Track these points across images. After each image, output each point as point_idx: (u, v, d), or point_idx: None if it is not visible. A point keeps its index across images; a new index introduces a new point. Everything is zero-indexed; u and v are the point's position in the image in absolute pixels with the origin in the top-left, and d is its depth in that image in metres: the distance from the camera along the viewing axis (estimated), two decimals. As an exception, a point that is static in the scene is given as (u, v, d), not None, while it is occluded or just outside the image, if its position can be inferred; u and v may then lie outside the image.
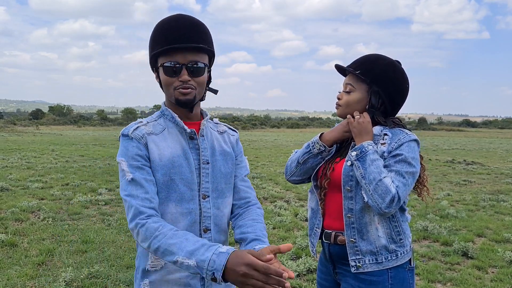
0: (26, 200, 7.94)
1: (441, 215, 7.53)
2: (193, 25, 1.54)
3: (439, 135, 54.39)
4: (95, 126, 60.35)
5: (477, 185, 11.39)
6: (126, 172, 1.51)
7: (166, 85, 1.56)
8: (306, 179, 2.13)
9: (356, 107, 1.95)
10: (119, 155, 1.56)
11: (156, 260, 1.56)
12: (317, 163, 2.04)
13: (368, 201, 1.80)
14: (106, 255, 5.09)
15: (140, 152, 1.53)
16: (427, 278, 4.59)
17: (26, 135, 32.81)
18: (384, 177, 1.77)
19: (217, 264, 1.27)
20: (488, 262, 5.13)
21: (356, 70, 1.93)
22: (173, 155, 1.56)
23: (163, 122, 1.63)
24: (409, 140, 1.86)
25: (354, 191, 1.88)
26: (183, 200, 1.55)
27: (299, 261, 4.85)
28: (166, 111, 1.64)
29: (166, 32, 1.52)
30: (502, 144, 34.56)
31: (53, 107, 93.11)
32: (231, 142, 1.76)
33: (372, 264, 1.87)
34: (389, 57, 1.98)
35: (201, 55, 1.55)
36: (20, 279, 4.34)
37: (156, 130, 1.59)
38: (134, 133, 1.56)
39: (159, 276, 1.57)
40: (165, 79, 1.55)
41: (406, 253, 1.91)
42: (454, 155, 21.34)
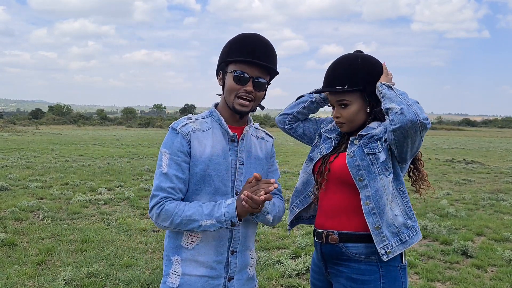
0: (25, 199, 7.94)
1: (441, 214, 7.53)
2: (268, 47, 1.78)
3: (439, 135, 54.39)
4: (95, 126, 60.29)
5: (476, 184, 11.40)
6: (163, 164, 1.73)
7: (231, 90, 1.75)
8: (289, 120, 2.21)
9: (359, 117, 1.94)
10: (164, 145, 1.77)
11: (190, 238, 1.76)
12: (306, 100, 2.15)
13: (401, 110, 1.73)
14: (105, 254, 5.09)
15: (182, 148, 1.73)
16: (426, 277, 4.59)
17: (25, 135, 32.81)
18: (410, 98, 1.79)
19: (231, 213, 1.65)
20: (487, 261, 5.13)
21: (344, 86, 1.90)
22: (212, 154, 1.75)
23: (210, 122, 1.82)
24: None
25: (366, 178, 1.86)
26: (217, 193, 1.75)
27: (298, 260, 4.85)
28: (214, 112, 1.83)
29: (247, 45, 1.74)
30: (502, 143, 34.57)
31: (53, 106, 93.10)
32: (266, 148, 1.94)
33: (399, 245, 1.85)
34: (352, 53, 1.98)
35: (266, 73, 1.78)
36: (20, 278, 4.34)
37: (202, 127, 1.79)
38: (182, 129, 1.75)
39: (190, 255, 1.76)
40: (232, 85, 1.75)
41: (419, 228, 1.92)
42: (454, 154, 21.35)
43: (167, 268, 1.81)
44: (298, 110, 2.17)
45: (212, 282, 1.77)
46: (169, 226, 1.70)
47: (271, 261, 4.90)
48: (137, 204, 7.94)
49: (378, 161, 1.86)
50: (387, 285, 1.85)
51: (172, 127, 1.78)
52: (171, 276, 1.78)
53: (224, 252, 1.79)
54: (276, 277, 4.49)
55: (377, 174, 1.85)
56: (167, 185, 1.71)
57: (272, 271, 4.61)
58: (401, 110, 1.73)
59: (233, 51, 1.75)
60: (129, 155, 17.75)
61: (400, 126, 1.73)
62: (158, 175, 1.74)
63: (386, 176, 1.85)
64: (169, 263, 1.80)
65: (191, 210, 1.68)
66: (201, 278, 1.76)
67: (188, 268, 1.76)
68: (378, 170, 1.85)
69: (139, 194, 8.91)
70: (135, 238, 5.83)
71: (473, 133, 64.75)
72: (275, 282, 4.40)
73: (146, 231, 6.14)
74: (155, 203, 1.71)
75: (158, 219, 1.70)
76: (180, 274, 1.76)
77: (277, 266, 4.75)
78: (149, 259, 4.95)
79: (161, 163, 1.74)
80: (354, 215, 1.89)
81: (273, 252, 5.35)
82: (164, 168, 1.73)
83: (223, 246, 1.78)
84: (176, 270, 1.77)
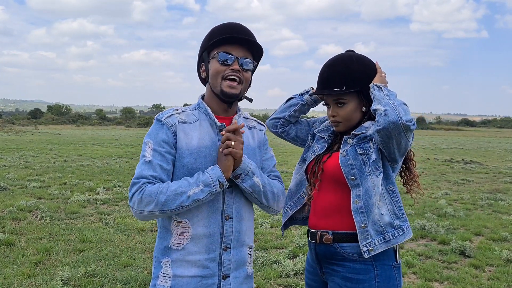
0: (24, 199, 7.93)
1: (439, 214, 7.53)
2: (248, 29, 1.77)
3: (437, 135, 54.45)
4: (94, 126, 60.27)
5: (475, 184, 11.41)
6: (147, 153, 1.67)
7: (216, 73, 1.70)
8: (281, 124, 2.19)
9: (355, 116, 1.94)
10: (148, 135, 1.71)
11: (179, 238, 1.69)
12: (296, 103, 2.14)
13: (385, 112, 1.75)
14: (103, 254, 5.09)
15: (167, 139, 1.67)
16: (424, 277, 4.59)
17: (24, 135, 32.78)
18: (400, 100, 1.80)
19: (216, 173, 1.62)
20: (485, 261, 5.13)
21: (341, 87, 1.90)
22: (200, 145, 1.70)
23: (197, 114, 1.77)
24: None
25: (358, 177, 1.86)
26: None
27: (296, 260, 4.85)
28: (201, 104, 1.78)
29: (226, 27, 1.73)
30: (500, 143, 34.61)
31: (52, 106, 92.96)
32: (258, 137, 1.89)
33: (382, 243, 1.85)
34: (345, 53, 1.99)
35: (250, 54, 1.75)
36: (17, 278, 4.33)
37: (189, 119, 1.74)
38: (166, 120, 1.71)
39: (180, 256, 1.69)
40: (217, 67, 1.70)
41: (409, 228, 1.91)
42: (452, 154, 21.37)
43: (156, 270, 1.73)
44: (290, 113, 2.16)
45: (206, 281, 1.69)
46: (154, 209, 1.59)
47: (269, 261, 4.90)
48: (135, 204, 7.93)
49: (370, 160, 1.86)
50: (382, 284, 1.85)
51: (157, 118, 1.73)
52: (160, 279, 1.70)
53: (216, 249, 1.70)
54: (274, 277, 4.49)
55: (368, 173, 1.86)
56: (149, 173, 1.63)
57: (270, 271, 4.61)
58: (385, 112, 1.74)
59: (215, 35, 1.73)
60: (128, 155, 17.75)
61: (383, 127, 1.75)
62: (140, 164, 1.67)
63: (376, 176, 1.85)
64: (158, 265, 1.73)
65: (176, 184, 1.61)
66: (193, 279, 1.68)
67: (179, 270, 1.69)
68: (369, 170, 1.86)
69: (137, 194, 8.90)
70: (133, 238, 5.83)
71: (472, 133, 64.82)
72: (273, 282, 4.40)
73: (144, 231, 6.13)
74: (135, 190, 1.61)
75: (140, 204, 1.59)
76: (171, 276, 1.69)
77: (275, 265, 4.75)
78: (147, 259, 4.94)
79: (145, 153, 1.68)
80: (348, 214, 1.88)
81: (271, 251, 5.35)
82: (147, 157, 1.66)
83: (215, 243, 1.70)
84: (166, 273, 1.70)
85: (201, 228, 1.68)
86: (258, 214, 7.29)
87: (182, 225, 1.68)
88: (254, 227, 1.94)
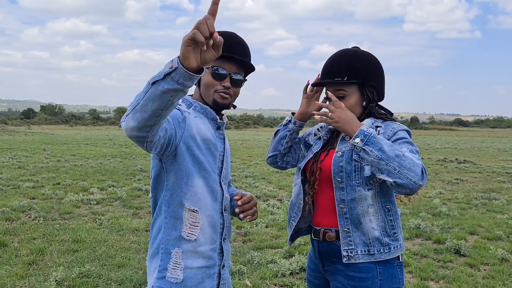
0: (17, 199, 7.86)
1: (434, 213, 7.55)
2: (245, 44, 1.80)
3: (431, 134, 54.69)
4: (87, 126, 60.00)
5: (469, 184, 11.45)
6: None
7: (209, 86, 1.74)
8: (279, 159, 2.18)
9: (356, 110, 1.92)
10: None
11: (191, 228, 1.68)
12: (285, 135, 2.13)
13: (395, 181, 1.65)
14: (97, 255, 5.05)
15: (180, 119, 1.64)
16: (419, 276, 4.59)
17: (17, 135, 32.55)
18: (404, 151, 1.68)
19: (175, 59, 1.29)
20: (480, 260, 5.14)
21: (342, 76, 1.89)
22: (205, 137, 1.73)
23: (193, 113, 1.76)
24: (402, 129, 1.86)
25: (344, 182, 1.86)
26: (210, 179, 1.72)
27: (292, 260, 4.84)
28: (194, 103, 1.79)
29: (226, 42, 1.58)
30: (493, 143, 34.81)
31: (45, 106, 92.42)
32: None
33: (364, 255, 1.85)
34: (350, 48, 1.98)
35: (242, 69, 1.79)
36: (10, 278, 4.29)
37: (191, 115, 1.74)
38: (179, 107, 1.70)
39: (191, 247, 1.68)
40: (210, 80, 1.73)
41: (399, 247, 1.89)
42: (446, 154, 21.46)
43: (164, 262, 1.68)
44: (283, 147, 2.15)
45: (209, 271, 1.74)
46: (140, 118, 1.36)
47: (264, 261, 4.88)
48: (129, 204, 7.89)
49: (362, 172, 1.84)
50: (385, 282, 1.85)
51: None
52: (170, 271, 1.67)
53: (218, 239, 1.77)
54: (269, 277, 4.47)
55: (356, 184, 1.84)
56: None
57: (266, 271, 4.59)
58: (395, 183, 1.66)
59: None
60: (122, 154, 17.65)
61: (399, 192, 1.77)
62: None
63: (365, 190, 1.84)
64: (167, 256, 1.68)
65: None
66: (200, 270, 1.71)
67: (189, 261, 1.68)
68: (358, 181, 1.84)
69: (131, 194, 8.86)
70: (127, 238, 5.79)
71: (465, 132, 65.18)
72: (269, 282, 4.39)
73: (138, 231, 6.10)
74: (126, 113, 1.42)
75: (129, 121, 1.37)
76: (183, 268, 1.67)
77: (270, 265, 4.73)
78: (141, 259, 4.91)
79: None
80: None
81: (267, 251, 5.33)
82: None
83: (217, 233, 1.76)
84: (177, 263, 1.67)
85: (207, 218, 1.71)
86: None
87: (194, 214, 1.69)
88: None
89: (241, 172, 12.44)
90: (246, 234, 6.04)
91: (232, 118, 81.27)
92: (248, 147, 23.79)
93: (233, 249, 5.36)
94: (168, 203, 1.69)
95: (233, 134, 43.88)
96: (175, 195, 1.68)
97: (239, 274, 4.55)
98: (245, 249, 5.40)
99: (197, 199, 1.69)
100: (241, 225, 6.42)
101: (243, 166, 14.33)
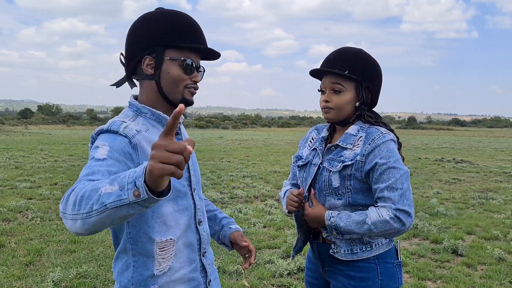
0: (14, 200, 7.84)
1: (431, 213, 7.56)
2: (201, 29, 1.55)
3: (428, 134, 54.76)
4: (85, 126, 59.83)
5: (466, 183, 11.47)
6: (101, 151, 1.30)
7: (178, 81, 1.47)
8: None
9: (348, 108, 1.89)
10: (102, 141, 1.34)
11: (164, 262, 1.46)
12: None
13: (385, 239, 1.88)
14: (95, 255, 5.04)
15: (129, 150, 1.35)
16: (417, 276, 4.60)
17: (14, 135, 32.47)
18: (368, 217, 1.74)
19: (138, 170, 1.04)
20: (477, 260, 5.16)
21: (343, 70, 1.86)
22: None
23: (143, 121, 1.48)
24: (384, 141, 1.79)
25: (317, 193, 1.93)
26: (179, 197, 1.48)
27: (289, 260, 4.84)
28: (143, 109, 1.50)
29: (189, 28, 1.48)
30: (491, 142, 34.88)
31: (42, 106, 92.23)
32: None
33: (347, 254, 1.88)
34: (355, 47, 1.96)
35: (199, 60, 1.55)
36: (7, 279, 4.28)
37: (141, 128, 1.44)
38: (125, 131, 1.37)
39: (166, 278, 1.47)
40: (180, 75, 1.46)
41: (380, 245, 1.89)
42: (443, 153, 21.49)
43: None
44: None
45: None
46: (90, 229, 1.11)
47: (262, 261, 4.88)
48: (127, 204, 7.87)
49: (330, 182, 1.86)
50: (385, 282, 1.87)
51: (110, 129, 1.37)
52: None
53: (196, 257, 1.56)
54: (267, 277, 4.47)
55: (326, 194, 1.89)
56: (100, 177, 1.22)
57: (263, 271, 4.59)
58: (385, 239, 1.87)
59: (173, 34, 1.46)
60: (119, 155, 17.61)
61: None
62: (90, 163, 1.29)
63: (335, 200, 1.87)
64: None
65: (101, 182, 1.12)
66: None
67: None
68: (327, 191, 1.88)
69: (129, 194, 8.84)
70: (125, 238, 5.77)
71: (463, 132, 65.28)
72: (266, 282, 4.39)
73: (136, 231, 6.09)
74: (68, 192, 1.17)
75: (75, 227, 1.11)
76: None
77: (268, 265, 4.73)
78: (139, 260, 4.90)
79: (97, 150, 1.31)
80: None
81: (264, 251, 5.33)
82: (102, 154, 1.29)
83: (194, 251, 1.55)
84: None
85: (181, 240, 1.49)
86: (250, 213, 7.27)
87: (168, 245, 1.46)
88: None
89: (239, 172, 12.44)
90: (243, 235, 6.02)
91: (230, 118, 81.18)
92: (246, 147, 23.78)
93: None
94: (134, 241, 1.43)
95: (230, 134, 43.86)
96: (141, 231, 1.42)
97: (236, 274, 4.55)
98: (243, 249, 5.39)
99: (167, 228, 1.45)
100: (238, 225, 6.41)
101: (241, 166, 14.32)
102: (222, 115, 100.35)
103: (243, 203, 8.24)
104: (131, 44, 1.49)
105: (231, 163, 15.19)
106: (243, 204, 8.14)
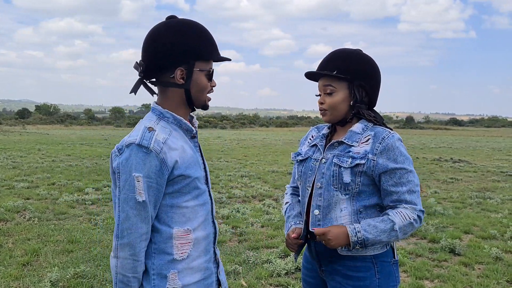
0: (11, 199, 7.83)
1: (429, 213, 7.57)
2: None
3: (426, 134, 54.84)
4: (82, 125, 59.73)
5: (464, 183, 11.50)
6: (139, 188, 1.49)
7: (204, 89, 1.65)
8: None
9: (342, 107, 1.90)
10: (135, 169, 1.49)
11: (182, 247, 1.62)
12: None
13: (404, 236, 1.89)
14: (92, 255, 5.04)
15: (160, 166, 1.51)
16: (414, 275, 4.61)
17: (12, 135, 32.39)
18: (395, 224, 1.79)
19: None
20: (475, 259, 5.17)
21: (332, 71, 1.88)
22: (191, 154, 1.63)
23: (166, 125, 1.61)
24: (394, 140, 1.83)
25: (324, 187, 1.89)
26: (200, 195, 1.65)
27: (287, 259, 4.85)
28: (166, 113, 1.63)
29: (212, 41, 1.65)
30: (488, 142, 34.95)
31: (40, 106, 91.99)
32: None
33: (344, 250, 1.88)
34: (351, 48, 1.98)
35: None
36: (4, 280, 4.27)
37: (165, 133, 1.57)
38: (154, 146, 1.50)
39: (185, 264, 1.63)
40: (205, 83, 1.64)
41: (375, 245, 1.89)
42: (441, 153, 21.52)
43: (162, 285, 1.62)
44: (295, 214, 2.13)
45: (207, 282, 1.70)
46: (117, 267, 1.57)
47: (260, 260, 4.89)
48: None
49: (341, 177, 1.85)
50: (382, 281, 1.88)
51: (141, 144, 1.50)
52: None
53: (211, 248, 1.73)
54: (265, 276, 4.47)
55: (334, 189, 1.87)
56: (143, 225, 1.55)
57: (261, 270, 4.59)
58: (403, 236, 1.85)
59: (204, 47, 1.62)
60: (117, 154, 17.59)
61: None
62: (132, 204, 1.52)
63: (341, 195, 1.86)
64: (163, 280, 1.61)
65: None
66: (198, 283, 1.67)
67: (186, 278, 1.63)
68: (337, 186, 1.87)
69: (127, 194, 8.83)
70: (123, 238, 5.77)
71: (460, 132, 65.36)
72: (264, 282, 4.39)
73: (134, 231, 6.08)
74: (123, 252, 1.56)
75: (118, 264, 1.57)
76: (181, 287, 1.63)
77: (266, 265, 4.73)
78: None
79: (133, 188, 1.50)
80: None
81: (262, 251, 5.33)
82: (140, 196, 1.51)
83: (210, 243, 1.73)
84: (175, 285, 1.62)
85: (200, 232, 1.66)
86: (248, 213, 7.27)
87: (185, 234, 1.63)
88: None
89: (237, 172, 12.44)
90: (241, 234, 6.04)
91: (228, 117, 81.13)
92: (244, 147, 23.78)
93: (229, 249, 5.36)
94: (155, 228, 1.61)
95: (229, 133, 43.82)
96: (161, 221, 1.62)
97: (234, 274, 4.55)
98: (241, 249, 5.39)
99: (186, 220, 1.62)
100: (236, 225, 6.42)
101: (239, 165, 14.32)
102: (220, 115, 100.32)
103: (241, 203, 8.24)
104: (160, 54, 1.59)
105: (229, 162, 15.19)
106: (241, 203, 8.14)
